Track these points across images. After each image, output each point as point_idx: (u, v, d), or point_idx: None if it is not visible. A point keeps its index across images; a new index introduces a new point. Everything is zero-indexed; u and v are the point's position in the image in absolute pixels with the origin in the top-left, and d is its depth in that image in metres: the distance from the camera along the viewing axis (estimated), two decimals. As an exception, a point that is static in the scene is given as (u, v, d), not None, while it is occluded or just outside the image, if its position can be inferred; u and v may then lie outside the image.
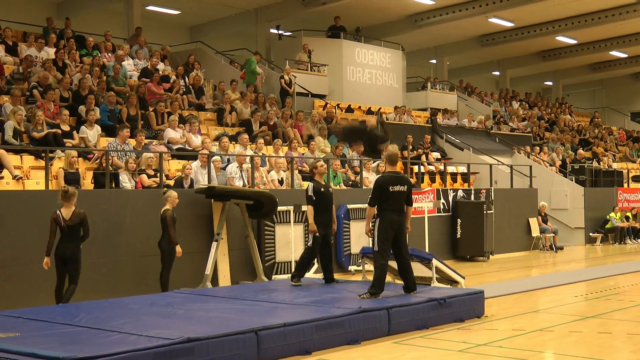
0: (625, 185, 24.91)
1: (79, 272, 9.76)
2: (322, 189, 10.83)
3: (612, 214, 22.46)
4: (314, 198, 10.71)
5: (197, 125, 15.79)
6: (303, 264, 10.89)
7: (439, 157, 21.49)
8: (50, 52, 16.83)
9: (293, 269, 11.13)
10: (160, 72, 18.17)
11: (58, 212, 9.63)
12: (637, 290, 12.71)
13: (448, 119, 24.84)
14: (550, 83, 38.34)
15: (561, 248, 20.48)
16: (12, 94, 13.73)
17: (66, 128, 13.62)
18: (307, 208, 10.83)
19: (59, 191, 9.90)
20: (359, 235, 14.71)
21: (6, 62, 15.92)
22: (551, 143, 26.72)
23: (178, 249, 11.10)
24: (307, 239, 11.06)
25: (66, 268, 9.71)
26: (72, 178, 12.01)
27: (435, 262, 11.45)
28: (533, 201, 20.58)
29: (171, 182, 13.17)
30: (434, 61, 31.88)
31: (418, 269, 10.92)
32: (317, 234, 10.68)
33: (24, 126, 12.95)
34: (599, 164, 25.61)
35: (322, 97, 22.63)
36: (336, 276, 11.20)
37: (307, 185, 11.05)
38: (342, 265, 14.90)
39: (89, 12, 22.56)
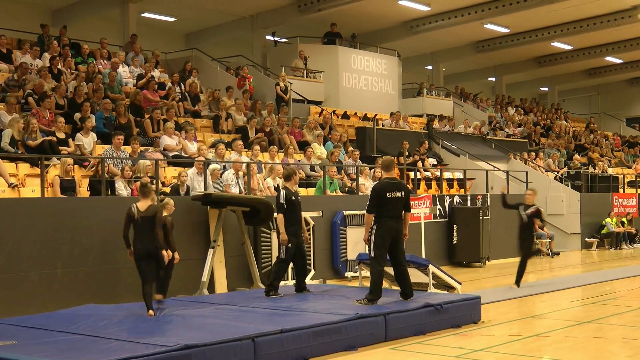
0: (621, 190, 24.99)
1: (163, 262, 9.53)
2: (294, 197, 10.53)
3: (608, 220, 22.51)
4: (286, 206, 10.37)
5: (193, 132, 15.81)
6: (277, 277, 10.40)
7: (435, 163, 21.54)
8: (45, 60, 16.85)
9: (269, 282, 10.50)
10: (156, 79, 18.21)
11: (132, 205, 9.39)
12: (633, 295, 12.76)
13: (445, 125, 24.88)
14: (546, 89, 38.45)
15: (557, 253, 20.50)
16: (8, 101, 13.75)
17: (62, 136, 13.64)
18: (277, 216, 10.45)
19: (138, 185, 9.77)
20: (355, 242, 14.73)
21: (1, 69, 15.94)
22: (547, 149, 26.79)
23: (176, 255, 11.11)
24: (279, 249, 10.52)
25: (150, 262, 9.35)
26: (68, 186, 12.03)
27: (431, 268, 11.47)
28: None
29: (167, 189, 13.18)
30: (429, 67, 31.96)
31: (415, 275, 10.93)
32: (290, 244, 10.35)
33: (20, 134, 12.97)
34: (595, 169, 25.68)
35: (318, 103, 22.68)
36: (333, 282, 11.19)
37: (280, 192, 10.64)
38: (338, 271, 14.91)
39: (84, 19, 22.57)
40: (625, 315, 10.45)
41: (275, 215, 10.86)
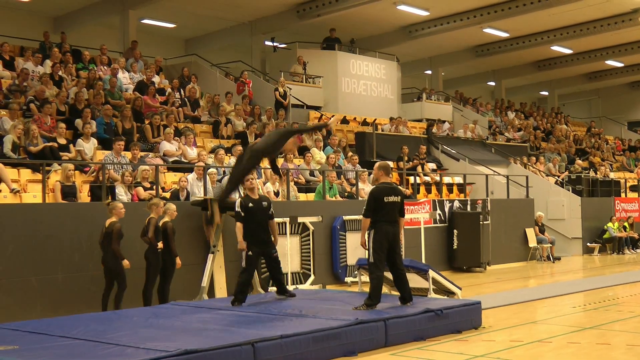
0: (623, 194, 24.99)
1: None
2: (251, 204, 10.16)
3: (610, 224, 22.49)
4: (242, 214, 10.13)
5: (193, 137, 15.85)
6: (243, 287, 10.05)
7: (435, 167, 21.56)
8: (47, 66, 16.91)
9: (234, 291, 10.23)
10: (156, 85, 18.26)
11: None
12: (636, 300, 12.74)
13: (446, 130, 24.90)
14: (546, 93, 38.45)
15: (558, 258, 20.52)
16: (10, 108, 13.81)
17: (63, 141, 13.70)
18: (236, 225, 10.19)
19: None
20: (355, 247, 14.73)
21: (3, 76, 16.01)
22: (547, 153, 26.81)
23: (178, 261, 11.17)
24: (274, 251, 10.33)
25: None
26: (69, 191, 12.07)
27: (431, 273, 11.46)
28: (530, 211, 20.61)
29: (167, 195, 13.22)
30: (428, 72, 31.99)
31: (414, 280, 10.94)
32: (250, 252, 10.07)
33: (22, 140, 13.03)
34: (596, 173, 25.67)
35: (317, 108, 22.71)
36: (333, 288, 11.17)
37: (235, 200, 10.45)
38: (338, 276, 14.93)
39: (85, 26, 22.68)
40: (629, 322, 10.41)
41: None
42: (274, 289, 11.22)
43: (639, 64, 33.98)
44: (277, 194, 15.00)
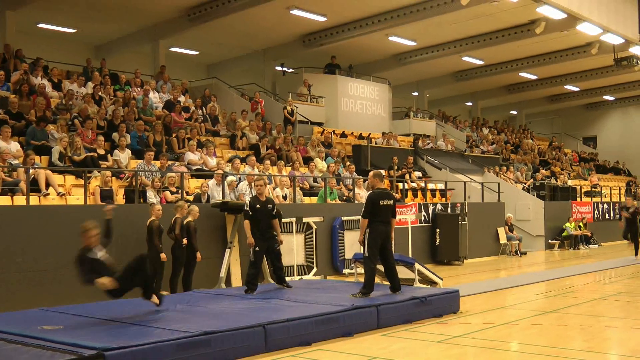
0: (579, 199, 24.97)
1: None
2: (258, 205, 10.11)
3: (568, 224, 22.50)
4: (250, 213, 10.09)
5: (213, 149, 15.83)
6: (253, 278, 10.02)
7: (420, 175, 21.52)
8: (89, 88, 16.93)
9: (245, 282, 10.27)
10: (182, 104, 18.25)
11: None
12: (588, 288, 12.72)
13: (428, 143, 24.89)
14: (515, 112, 38.45)
15: (525, 253, 20.48)
16: (58, 123, 13.82)
17: (102, 152, 13.69)
18: (244, 222, 10.16)
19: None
20: (352, 243, 14.72)
21: (52, 96, 16.02)
22: (516, 163, 26.77)
23: (199, 255, 11.15)
24: (277, 247, 10.29)
25: None
26: (106, 195, 12.05)
27: (417, 265, 11.45)
28: (501, 213, 20.60)
29: (191, 198, 13.20)
30: (415, 93, 31.98)
31: (403, 272, 10.92)
32: (257, 248, 10.03)
33: (67, 151, 13.04)
34: (557, 181, 25.66)
35: (320, 124, 22.69)
36: (333, 278, 11.12)
37: (245, 200, 10.34)
38: (337, 268, 14.90)
39: (121, 53, 22.71)
40: (582, 306, 10.44)
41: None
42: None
43: (593, 89, 34.14)
44: (285, 197, 14.97)
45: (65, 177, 12.64)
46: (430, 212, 17.97)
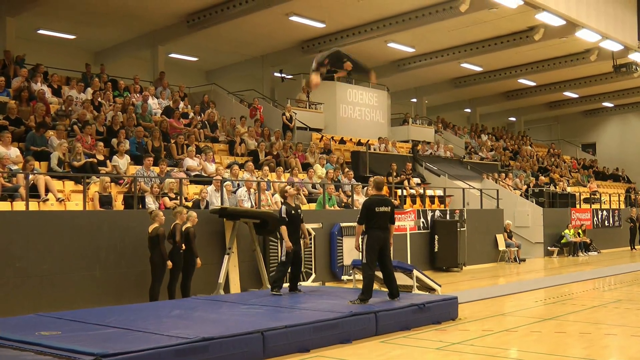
0: (578, 206, 24.97)
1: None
2: (293, 211, 10.59)
3: (567, 231, 22.50)
4: (287, 219, 10.49)
5: (212, 155, 15.85)
6: (280, 277, 10.46)
7: (419, 182, 21.55)
8: (88, 94, 16.95)
9: (272, 282, 10.63)
10: (181, 110, 18.27)
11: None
12: (587, 296, 12.71)
13: (427, 150, 24.92)
14: (514, 119, 38.51)
15: (523, 260, 20.47)
16: (57, 129, 13.84)
17: (101, 158, 13.69)
18: (281, 228, 10.54)
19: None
20: (350, 250, 14.69)
21: (52, 102, 16.03)
22: (515, 170, 26.80)
23: (198, 261, 11.14)
24: (281, 254, 10.63)
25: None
26: (106, 200, 12.06)
27: (415, 272, 11.45)
28: (499, 220, 20.59)
29: (189, 204, 13.20)
30: (414, 100, 32.02)
31: (401, 279, 10.92)
32: (290, 250, 10.41)
33: (66, 156, 13.05)
34: (556, 188, 25.67)
35: (318, 130, 22.72)
36: (331, 284, 11.14)
37: (280, 207, 10.75)
38: (336, 275, 14.89)
39: (120, 59, 22.74)
40: (581, 313, 10.42)
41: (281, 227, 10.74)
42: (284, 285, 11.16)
43: (592, 95, 34.15)
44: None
45: (64, 182, 12.65)
46: (428, 218, 17.97)
